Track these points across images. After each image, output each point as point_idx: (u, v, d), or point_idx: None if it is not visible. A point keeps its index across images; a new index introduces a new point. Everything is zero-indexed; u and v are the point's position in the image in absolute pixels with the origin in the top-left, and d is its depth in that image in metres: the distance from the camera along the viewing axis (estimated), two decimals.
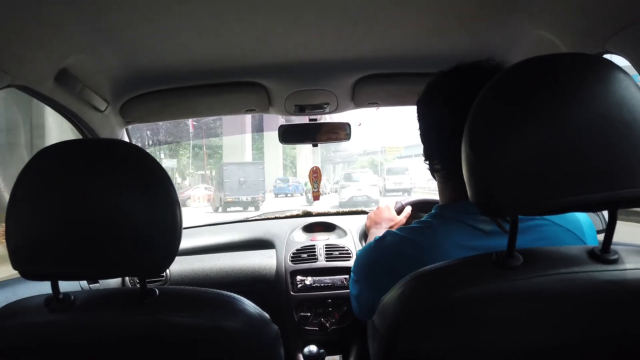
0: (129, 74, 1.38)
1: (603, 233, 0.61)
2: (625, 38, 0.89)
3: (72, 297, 0.67)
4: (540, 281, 0.56)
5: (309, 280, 1.70)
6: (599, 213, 1.31)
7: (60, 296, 0.66)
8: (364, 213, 2.04)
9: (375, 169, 30.69)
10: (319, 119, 1.71)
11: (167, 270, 1.68)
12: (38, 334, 0.65)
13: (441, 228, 0.81)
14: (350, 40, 1.25)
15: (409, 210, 1.44)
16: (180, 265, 1.73)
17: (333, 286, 1.69)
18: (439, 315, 0.57)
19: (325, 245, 1.79)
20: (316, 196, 2.18)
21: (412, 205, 1.47)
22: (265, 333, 0.71)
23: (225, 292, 0.72)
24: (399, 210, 1.45)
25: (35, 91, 1.11)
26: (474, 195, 0.59)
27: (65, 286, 0.67)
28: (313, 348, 1.56)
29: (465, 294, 0.57)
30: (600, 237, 0.68)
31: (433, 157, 0.89)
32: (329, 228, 1.94)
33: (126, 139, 1.72)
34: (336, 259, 1.74)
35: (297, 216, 2.08)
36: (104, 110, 1.43)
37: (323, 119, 1.72)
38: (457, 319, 0.57)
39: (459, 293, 0.57)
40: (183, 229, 0.69)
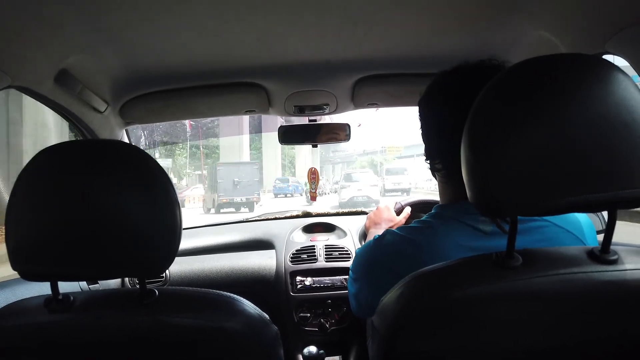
0: (129, 74, 1.38)
1: (602, 233, 0.62)
2: (625, 38, 0.89)
3: (72, 298, 0.67)
4: (540, 282, 0.56)
5: (308, 280, 1.70)
6: (599, 214, 1.31)
7: (60, 297, 0.66)
8: (363, 213, 2.04)
9: (375, 169, 30.67)
10: (319, 120, 1.70)
11: (167, 271, 1.68)
12: (38, 335, 0.65)
13: (441, 228, 0.81)
14: (350, 41, 1.25)
15: (408, 211, 1.44)
16: (180, 266, 1.73)
17: (333, 287, 1.69)
18: (438, 315, 0.57)
19: (325, 245, 1.79)
20: (313, 196, 2.22)
21: (412, 206, 1.47)
22: (264, 334, 0.71)
23: (224, 293, 0.72)
24: (399, 211, 1.46)
25: (35, 92, 1.11)
26: (474, 195, 0.59)
27: (64, 287, 0.67)
28: (313, 349, 1.56)
29: (465, 294, 0.57)
30: (600, 238, 0.67)
31: (434, 157, 0.89)
32: (329, 228, 1.94)
33: (126, 140, 1.72)
34: (336, 259, 1.74)
35: (297, 217, 2.08)
36: (104, 111, 1.42)
37: (323, 120, 1.72)
38: (457, 319, 0.57)
39: (458, 293, 0.57)
40: (183, 229, 0.69)
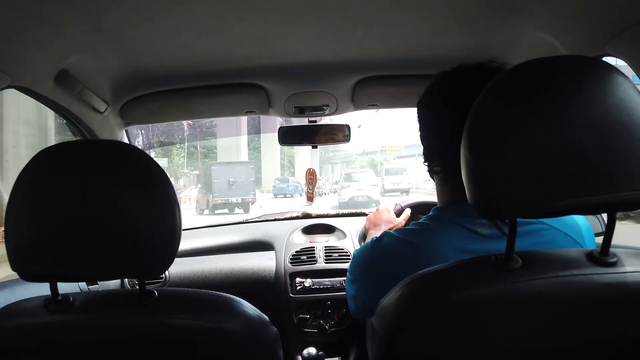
0: (129, 75, 1.38)
1: (602, 236, 0.61)
2: (625, 40, 0.89)
3: (71, 299, 0.67)
4: (539, 284, 0.56)
5: (308, 282, 1.70)
6: (598, 216, 1.31)
7: (59, 297, 0.66)
8: (363, 215, 2.04)
9: (375, 169, 30.68)
10: (319, 121, 1.70)
11: (167, 272, 1.68)
12: (37, 335, 0.65)
13: (439, 231, 0.80)
14: (350, 42, 1.25)
15: (408, 212, 1.44)
16: (179, 267, 1.73)
17: (332, 288, 1.69)
18: (437, 317, 0.57)
19: (325, 247, 1.79)
20: (310, 197, 2.22)
21: (412, 208, 1.47)
22: (264, 335, 0.71)
23: (224, 294, 0.72)
24: (398, 213, 1.45)
25: (35, 92, 1.11)
26: (473, 196, 0.58)
27: (64, 288, 0.67)
28: (312, 350, 1.56)
29: (464, 296, 0.57)
30: (599, 240, 0.67)
31: (432, 159, 0.88)
32: (329, 230, 1.94)
33: (126, 141, 1.72)
34: (336, 261, 1.74)
35: (297, 218, 2.08)
36: (104, 111, 1.42)
37: (322, 121, 1.72)
38: (456, 321, 0.57)
39: (457, 295, 0.57)
40: (182, 230, 0.69)
